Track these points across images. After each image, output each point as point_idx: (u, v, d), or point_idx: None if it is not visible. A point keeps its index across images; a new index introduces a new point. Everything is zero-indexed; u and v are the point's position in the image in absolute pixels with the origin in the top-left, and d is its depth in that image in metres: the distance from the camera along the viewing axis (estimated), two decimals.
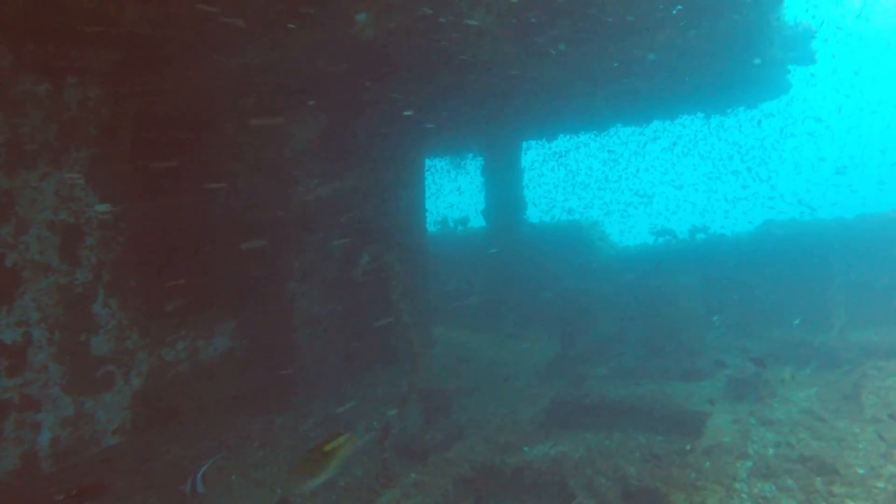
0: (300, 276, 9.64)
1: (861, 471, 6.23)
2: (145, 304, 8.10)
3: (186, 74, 7.98)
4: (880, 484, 5.93)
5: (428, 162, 18.41)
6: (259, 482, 6.69)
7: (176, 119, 8.48)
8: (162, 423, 8.01)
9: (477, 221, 17.01)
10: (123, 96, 7.72)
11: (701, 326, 10.39)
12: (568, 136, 15.88)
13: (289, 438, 7.98)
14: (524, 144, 15.78)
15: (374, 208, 11.36)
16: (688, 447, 6.97)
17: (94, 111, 7.44)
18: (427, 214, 13.53)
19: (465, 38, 7.13)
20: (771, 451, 6.83)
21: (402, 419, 6.40)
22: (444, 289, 15.06)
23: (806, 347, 10.24)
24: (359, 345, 10.34)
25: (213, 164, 9.12)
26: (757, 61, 8.58)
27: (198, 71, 7.94)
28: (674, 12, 6.97)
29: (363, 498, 6.03)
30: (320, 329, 9.80)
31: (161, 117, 8.31)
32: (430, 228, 17.59)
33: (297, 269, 9.66)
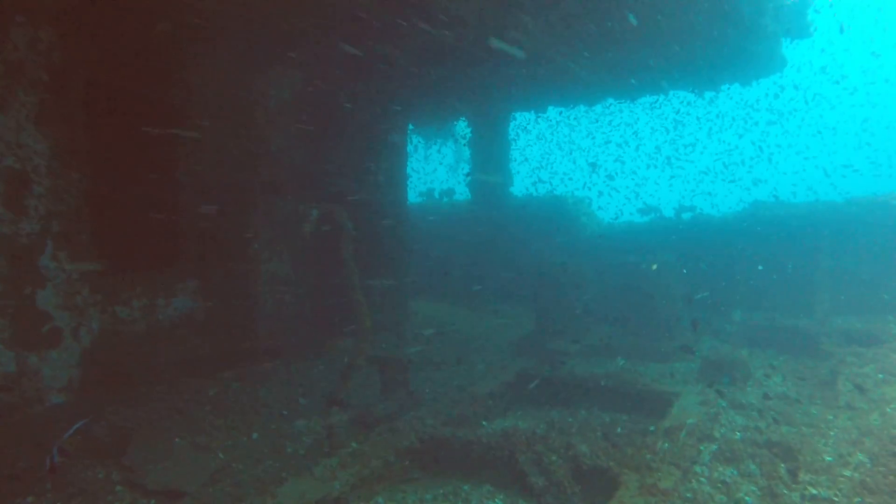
0: (267, 238, 9.33)
1: (829, 458, 5.95)
2: (98, 259, 7.77)
3: (150, 19, 7.58)
4: (847, 472, 5.65)
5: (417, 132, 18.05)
6: (203, 446, 6.42)
7: (137, 67, 8.07)
8: (112, 383, 7.73)
9: (463, 193, 16.69)
10: (79, 40, 7.32)
11: (680, 306, 10.08)
12: (559, 109, 15.44)
13: (243, 403, 7.71)
14: (512, 115, 15.38)
15: (350, 174, 11.01)
16: (651, 428, 6.70)
17: (45, 54, 7.05)
18: (411, 184, 13.19)
19: None
20: (738, 434, 6.55)
21: (349, 388, 6.11)
22: (426, 260, 14.77)
23: (786, 332, 9.96)
24: (325, 310, 10.04)
25: (178, 118, 8.74)
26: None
27: (162, 15, 7.55)
28: None
29: (304, 466, 5.75)
30: (285, 292, 9.51)
31: (121, 64, 7.91)
32: (415, 199, 17.28)
33: (264, 230, 9.34)
